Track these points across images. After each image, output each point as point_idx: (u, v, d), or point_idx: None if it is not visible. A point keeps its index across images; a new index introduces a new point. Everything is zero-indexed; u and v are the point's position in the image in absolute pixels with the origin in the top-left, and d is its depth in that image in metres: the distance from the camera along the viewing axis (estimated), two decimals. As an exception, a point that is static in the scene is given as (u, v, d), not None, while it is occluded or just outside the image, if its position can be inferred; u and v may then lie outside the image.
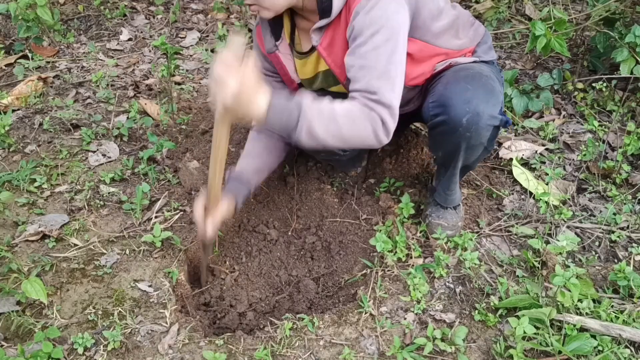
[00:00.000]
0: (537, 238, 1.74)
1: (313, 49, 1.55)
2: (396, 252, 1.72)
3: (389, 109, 1.32)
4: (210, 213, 1.50)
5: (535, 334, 1.41)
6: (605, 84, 2.36)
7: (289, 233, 1.99)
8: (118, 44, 3.26)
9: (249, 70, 1.18)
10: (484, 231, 1.83)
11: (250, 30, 3.27)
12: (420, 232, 1.82)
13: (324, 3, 1.39)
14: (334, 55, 1.48)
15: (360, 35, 1.33)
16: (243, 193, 1.62)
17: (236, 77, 1.15)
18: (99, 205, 1.95)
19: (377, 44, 1.32)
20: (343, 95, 1.69)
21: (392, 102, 1.33)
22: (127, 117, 2.45)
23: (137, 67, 3.00)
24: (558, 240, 1.72)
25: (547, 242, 1.75)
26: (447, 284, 1.64)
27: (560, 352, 1.38)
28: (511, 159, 2.11)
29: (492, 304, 1.56)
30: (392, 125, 1.34)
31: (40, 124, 2.36)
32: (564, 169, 2.12)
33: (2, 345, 1.46)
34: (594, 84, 2.42)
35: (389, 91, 1.32)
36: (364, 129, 1.31)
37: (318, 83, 1.67)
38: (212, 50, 3.13)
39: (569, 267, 1.67)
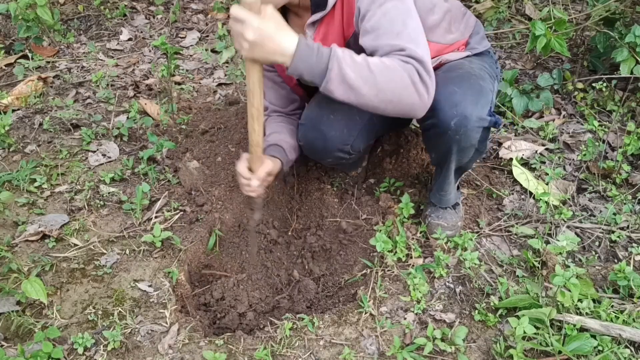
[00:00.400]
0: (537, 238, 1.74)
1: None
2: (396, 252, 1.72)
3: (422, 63, 1.23)
4: (255, 170, 1.46)
5: (535, 334, 1.41)
6: (605, 84, 2.36)
7: (289, 233, 1.99)
8: (118, 44, 3.26)
9: (270, 8, 1.14)
10: (484, 231, 1.83)
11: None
12: (420, 232, 1.82)
13: None
14: None
15: (368, 12, 1.31)
16: (285, 159, 1.60)
17: (257, 15, 1.12)
18: (99, 205, 1.95)
19: (386, 10, 1.28)
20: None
21: (424, 56, 1.24)
22: (127, 117, 2.45)
23: (137, 67, 3.00)
24: (558, 240, 1.72)
25: (547, 242, 1.75)
26: (447, 284, 1.64)
27: (560, 352, 1.38)
28: (511, 159, 2.11)
29: (492, 304, 1.56)
30: (430, 81, 1.25)
31: (40, 124, 2.36)
32: (564, 169, 2.12)
33: (2, 345, 1.46)
34: (594, 84, 2.42)
35: (415, 47, 1.25)
36: (402, 79, 1.22)
37: None
38: (213, 50, 3.13)
39: (569, 267, 1.67)
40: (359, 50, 1.39)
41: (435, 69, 1.57)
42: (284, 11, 1.56)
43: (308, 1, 1.43)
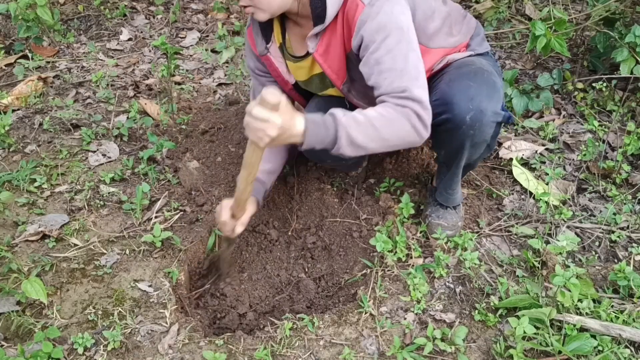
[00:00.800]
0: (537, 238, 1.74)
1: (308, 54, 1.55)
2: (396, 252, 1.72)
3: (420, 103, 1.32)
4: (238, 217, 1.55)
5: (535, 334, 1.41)
6: (605, 84, 2.36)
7: (289, 233, 1.99)
8: (118, 44, 3.26)
9: (284, 103, 1.21)
10: (484, 231, 1.83)
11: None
12: (420, 232, 1.82)
13: (318, 9, 1.39)
14: (329, 61, 1.49)
15: (372, 43, 1.34)
16: (262, 193, 1.68)
17: (279, 113, 1.20)
18: (99, 205, 1.95)
19: (390, 47, 1.33)
20: (338, 99, 1.69)
21: (421, 96, 1.33)
22: (127, 117, 2.45)
23: (137, 67, 3.00)
24: (558, 240, 1.72)
25: (547, 242, 1.75)
26: (447, 284, 1.64)
27: (560, 352, 1.38)
28: (511, 159, 2.11)
29: (492, 304, 1.56)
30: (428, 118, 1.33)
31: (40, 124, 2.37)
32: (564, 169, 2.12)
33: (2, 345, 1.46)
34: (594, 84, 2.42)
35: (414, 87, 1.32)
36: (403, 126, 1.31)
37: (314, 86, 1.67)
38: (213, 50, 3.13)
39: (569, 267, 1.67)
40: (357, 61, 1.43)
41: (443, 68, 1.58)
42: (283, 19, 1.56)
43: (308, 10, 1.43)
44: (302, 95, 1.79)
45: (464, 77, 1.47)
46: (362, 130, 1.29)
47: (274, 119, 1.19)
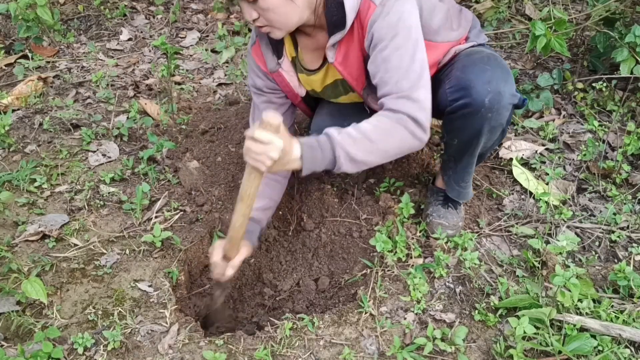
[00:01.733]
0: (537, 238, 1.74)
1: (323, 65, 1.54)
2: (396, 252, 1.72)
3: (418, 103, 1.32)
4: (230, 258, 1.49)
5: (535, 334, 1.41)
6: (605, 84, 2.36)
7: (289, 233, 1.99)
8: (118, 44, 3.26)
9: (283, 127, 1.21)
10: (484, 231, 1.83)
11: (250, 30, 3.27)
12: (420, 232, 1.82)
13: (334, 17, 1.38)
14: (349, 68, 1.49)
15: (381, 41, 1.35)
16: (257, 234, 1.64)
17: (279, 136, 1.20)
18: (99, 205, 1.95)
19: (398, 46, 1.33)
20: (350, 105, 1.69)
21: (420, 96, 1.33)
22: (127, 117, 2.45)
23: (137, 67, 3.00)
24: (558, 240, 1.72)
25: (547, 242, 1.75)
26: (447, 284, 1.64)
27: (560, 352, 1.38)
28: (511, 159, 2.11)
29: (492, 304, 1.56)
30: (425, 119, 1.33)
31: (40, 124, 2.37)
32: (564, 169, 2.12)
33: (2, 345, 1.46)
34: (594, 84, 2.42)
35: (416, 87, 1.33)
36: (399, 134, 1.31)
37: (327, 94, 1.67)
38: (213, 50, 3.13)
39: (569, 267, 1.67)
40: None
41: (451, 59, 1.58)
42: (294, 32, 1.54)
43: (322, 21, 1.42)
44: (309, 107, 1.78)
45: (478, 62, 1.48)
46: (359, 146, 1.29)
47: (275, 141, 1.19)
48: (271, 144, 1.18)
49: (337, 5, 1.37)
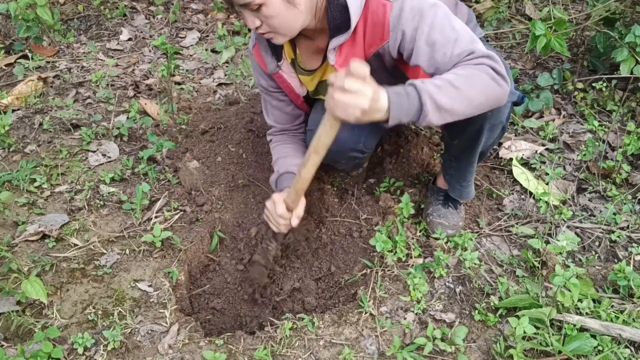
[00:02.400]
0: (537, 238, 1.74)
1: (321, 65, 1.54)
2: (396, 252, 1.72)
3: (490, 57, 1.28)
4: (293, 209, 1.53)
5: (535, 334, 1.41)
6: (605, 84, 2.36)
7: (289, 233, 1.99)
8: (118, 44, 3.26)
9: (370, 76, 1.17)
10: (484, 231, 1.83)
11: (249, 30, 3.27)
12: (420, 231, 1.82)
13: (337, 20, 1.37)
14: None
15: (416, 30, 1.31)
16: None
17: (369, 86, 1.17)
18: (99, 205, 1.95)
19: (434, 24, 1.30)
20: None
21: (486, 51, 1.30)
22: (127, 117, 2.45)
23: (137, 67, 3.00)
24: (558, 240, 1.72)
25: (547, 242, 1.75)
26: (447, 284, 1.64)
27: (560, 352, 1.38)
28: (511, 159, 2.11)
29: (492, 304, 1.56)
30: (502, 68, 1.29)
31: (40, 124, 2.37)
32: (564, 168, 2.12)
33: (2, 345, 1.46)
34: (594, 84, 2.42)
35: (475, 45, 1.30)
36: (483, 81, 1.27)
37: (321, 91, 1.66)
38: (213, 50, 3.13)
39: (569, 267, 1.67)
40: (381, 67, 1.42)
41: None
42: None
43: (323, 24, 1.42)
44: (310, 106, 1.79)
45: None
46: (445, 93, 1.23)
47: (365, 90, 1.14)
48: (361, 93, 1.14)
49: (340, 8, 1.35)
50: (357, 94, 1.14)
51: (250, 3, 1.26)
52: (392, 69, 1.47)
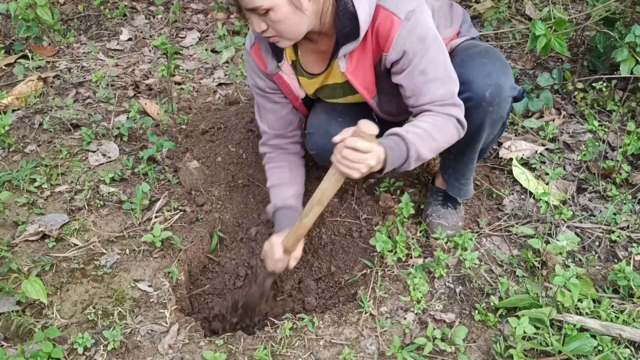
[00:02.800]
0: (537, 238, 1.74)
1: (326, 69, 1.54)
2: (396, 252, 1.72)
3: (459, 107, 1.41)
4: (291, 252, 1.55)
5: (535, 334, 1.41)
6: (605, 84, 2.36)
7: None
8: (118, 44, 3.26)
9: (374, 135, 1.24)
10: (484, 231, 1.83)
11: (249, 30, 3.27)
12: (420, 232, 1.82)
13: (347, 27, 1.37)
14: (360, 78, 1.49)
15: (415, 55, 1.37)
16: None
17: (376, 144, 1.24)
18: (99, 205, 1.95)
19: (432, 58, 1.37)
20: (352, 106, 1.69)
21: (458, 100, 1.42)
22: (127, 117, 2.45)
23: (137, 67, 3.00)
24: (558, 240, 1.72)
25: (547, 242, 1.75)
26: (447, 284, 1.64)
27: (560, 352, 1.38)
28: (511, 159, 2.11)
29: (492, 304, 1.56)
30: (463, 117, 1.43)
31: (40, 124, 2.37)
32: (564, 168, 2.12)
33: (2, 345, 1.46)
34: (594, 84, 2.42)
35: (454, 93, 1.41)
36: (450, 133, 1.41)
37: (324, 94, 1.66)
38: (213, 50, 3.13)
39: (569, 267, 1.67)
40: (386, 74, 1.46)
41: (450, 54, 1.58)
42: None
43: (328, 28, 1.42)
44: (308, 108, 1.78)
45: (476, 56, 1.49)
46: (425, 144, 1.35)
47: (376, 149, 1.22)
48: (372, 152, 1.22)
49: (349, 16, 1.35)
50: (367, 154, 1.21)
51: (258, 7, 1.26)
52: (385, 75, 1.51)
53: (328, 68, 1.54)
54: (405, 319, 1.54)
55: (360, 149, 1.20)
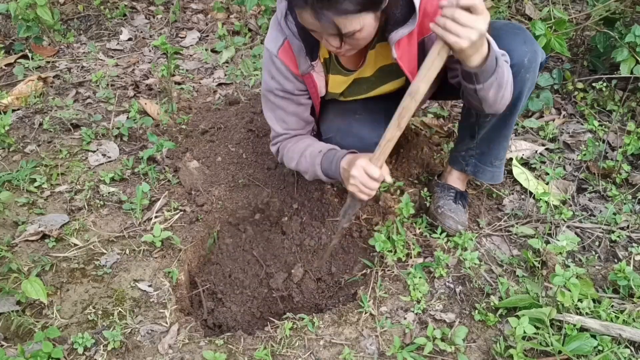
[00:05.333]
0: (537, 238, 1.74)
1: (362, 64, 1.54)
2: (396, 252, 1.72)
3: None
4: (382, 166, 1.43)
5: (535, 333, 1.41)
6: (605, 84, 2.36)
7: (289, 233, 1.99)
8: (118, 43, 3.26)
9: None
10: (484, 231, 1.83)
11: (250, 30, 3.28)
12: (421, 231, 1.81)
13: (398, 12, 1.36)
14: (408, 63, 1.47)
15: None
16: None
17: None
18: (99, 205, 1.95)
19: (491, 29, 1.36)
20: (366, 102, 1.70)
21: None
22: (127, 117, 2.45)
23: (137, 67, 3.00)
24: (558, 240, 1.72)
25: (547, 242, 1.75)
26: (447, 283, 1.64)
27: (560, 352, 1.38)
28: (511, 159, 2.11)
29: (492, 303, 1.56)
30: None
31: (40, 124, 2.37)
32: (564, 168, 2.12)
33: (2, 345, 1.46)
34: (594, 84, 2.42)
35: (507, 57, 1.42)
36: (511, 87, 1.42)
37: (352, 89, 1.65)
38: (213, 50, 3.13)
39: (569, 267, 1.67)
40: (423, 56, 1.40)
41: None
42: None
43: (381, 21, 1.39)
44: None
45: (506, 28, 1.51)
46: (505, 74, 1.34)
47: (484, 15, 1.14)
48: (485, 14, 1.14)
49: (403, 1, 1.35)
50: (479, 17, 1.14)
51: (351, 32, 1.24)
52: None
53: (365, 62, 1.53)
54: (405, 318, 1.54)
55: (477, 7, 1.12)
